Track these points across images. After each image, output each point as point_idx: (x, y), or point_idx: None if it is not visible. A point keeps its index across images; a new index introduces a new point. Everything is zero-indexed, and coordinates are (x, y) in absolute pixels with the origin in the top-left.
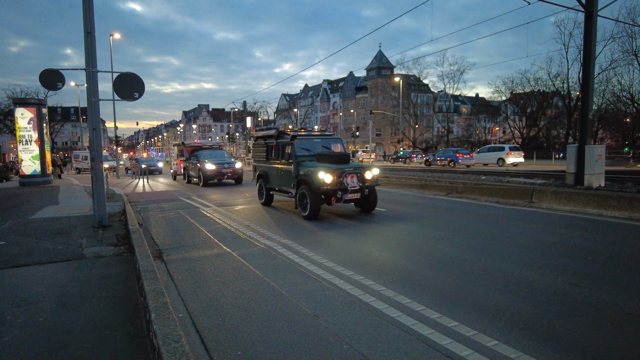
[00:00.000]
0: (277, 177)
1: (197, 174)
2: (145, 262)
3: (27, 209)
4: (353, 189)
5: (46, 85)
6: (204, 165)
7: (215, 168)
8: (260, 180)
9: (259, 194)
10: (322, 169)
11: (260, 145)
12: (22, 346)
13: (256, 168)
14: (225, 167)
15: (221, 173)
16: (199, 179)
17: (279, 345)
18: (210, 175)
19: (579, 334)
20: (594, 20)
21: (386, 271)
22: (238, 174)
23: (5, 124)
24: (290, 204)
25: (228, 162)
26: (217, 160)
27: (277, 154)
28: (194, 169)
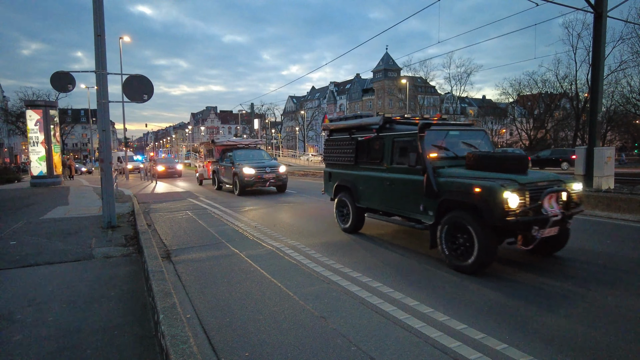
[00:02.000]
0: (379, 192)
1: (230, 180)
2: (154, 262)
3: (38, 210)
4: (554, 218)
5: (57, 88)
6: (241, 168)
7: (255, 173)
8: (342, 195)
9: (338, 215)
10: (504, 184)
11: (340, 141)
12: (32, 345)
13: (332, 175)
14: (267, 171)
15: (262, 179)
16: (233, 186)
17: (287, 346)
18: (248, 181)
19: (589, 337)
20: (603, 21)
21: (394, 273)
22: (282, 180)
23: (17, 126)
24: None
25: (271, 165)
26: (257, 162)
27: (381, 154)
28: (227, 173)
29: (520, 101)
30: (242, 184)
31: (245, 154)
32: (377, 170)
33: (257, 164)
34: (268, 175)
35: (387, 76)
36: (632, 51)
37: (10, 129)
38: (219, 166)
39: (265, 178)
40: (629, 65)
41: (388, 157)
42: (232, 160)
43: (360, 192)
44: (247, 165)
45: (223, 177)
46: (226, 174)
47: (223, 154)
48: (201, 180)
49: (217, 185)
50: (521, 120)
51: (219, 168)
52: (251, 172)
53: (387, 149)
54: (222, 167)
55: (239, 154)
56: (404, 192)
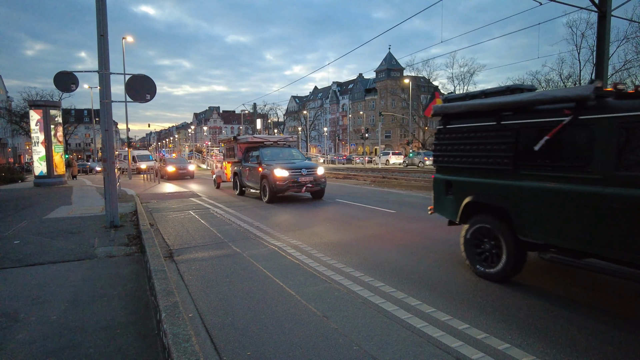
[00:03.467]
0: (581, 219)
1: (257, 183)
2: (156, 262)
3: (41, 209)
4: None
5: (60, 88)
6: (271, 170)
7: (288, 175)
8: (481, 220)
9: (472, 250)
10: None
11: (472, 132)
12: (35, 343)
13: (456, 187)
14: (303, 174)
15: (297, 183)
16: (261, 191)
17: (289, 346)
18: (280, 186)
19: (593, 338)
20: (607, 20)
21: (397, 273)
22: (321, 184)
23: (21, 126)
24: None
25: (307, 166)
26: (289, 163)
27: (589, 152)
28: (252, 176)
29: None
30: (272, 189)
31: (274, 152)
32: (577, 181)
33: (289, 165)
34: (304, 178)
35: (390, 76)
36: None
37: (14, 129)
38: (242, 167)
39: (301, 182)
40: (634, 64)
41: (607, 160)
42: (260, 160)
43: (527, 217)
44: (278, 166)
45: (247, 180)
46: (251, 177)
47: (247, 153)
48: (219, 184)
49: (238, 190)
50: None
51: (242, 169)
52: (284, 175)
53: (606, 144)
54: (247, 168)
55: (267, 152)
56: None
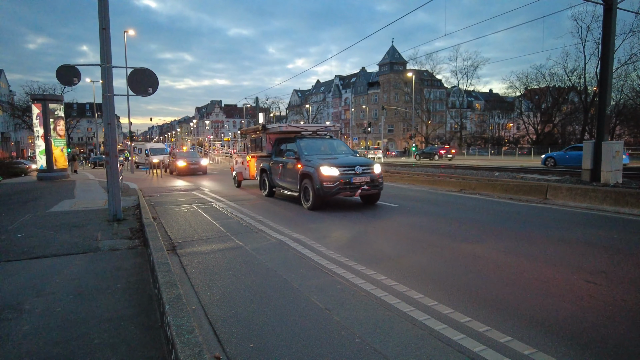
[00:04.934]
0: None
1: (295, 184)
2: (159, 255)
3: (44, 203)
4: None
5: (63, 81)
6: (317, 168)
7: (338, 175)
8: None
9: None
10: None
11: None
12: (41, 335)
13: None
14: (357, 172)
15: (350, 184)
16: (300, 193)
17: (291, 338)
18: (329, 188)
19: (594, 331)
20: (613, 13)
21: (398, 266)
22: (379, 186)
23: (24, 120)
24: None
25: (361, 163)
26: (337, 158)
27: None
28: (287, 174)
29: (528, 95)
30: (318, 192)
31: (315, 145)
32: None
33: (339, 161)
34: (359, 178)
35: (393, 69)
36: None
37: (16, 123)
38: (273, 163)
39: (355, 183)
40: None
41: None
42: (298, 154)
43: None
44: (325, 162)
45: (280, 179)
46: (286, 175)
47: (278, 146)
48: (239, 182)
49: (267, 190)
50: (528, 114)
51: (272, 166)
52: (333, 174)
53: None
54: (279, 164)
55: (306, 145)
56: None
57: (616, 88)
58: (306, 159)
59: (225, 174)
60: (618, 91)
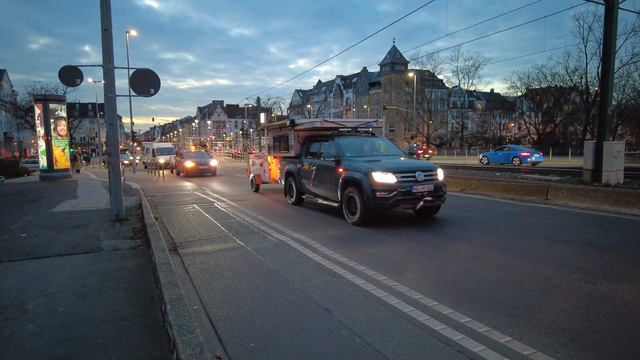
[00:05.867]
0: None
1: (333, 191)
2: (161, 255)
3: (47, 203)
4: None
5: (65, 82)
6: (367, 173)
7: (396, 182)
8: None
9: None
10: None
11: None
12: (44, 334)
13: None
14: (418, 179)
15: (411, 195)
16: (343, 204)
17: (292, 337)
18: (384, 199)
19: (593, 331)
20: (614, 13)
21: (398, 266)
22: (443, 196)
23: (26, 120)
24: None
25: (423, 167)
26: (392, 162)
27: None
28: (323, 179)
29: (529, 95)
30: (370, 204)
31: (357, 144)
32: None
33: (394, 165)
34: (421, 187)
35: (395, 69)
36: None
37: (19, 123)
38: (304, 165)
39: (417, 193)
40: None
41: None
42: (338, 155)
43: None
44: (378, 167)
45: (313, 184)
46: (321, 181)
47: (309, 145)
48: (258, 185)
49: (294, 198)
50: (530, 114)
51: (302, 168)
52: (389, 181)
53: None
54: (312, 167)
55: (347, 144)
56: None
57: (618, 88)
58: (349, 161)
59: (232, 176)
60: (620, 91)
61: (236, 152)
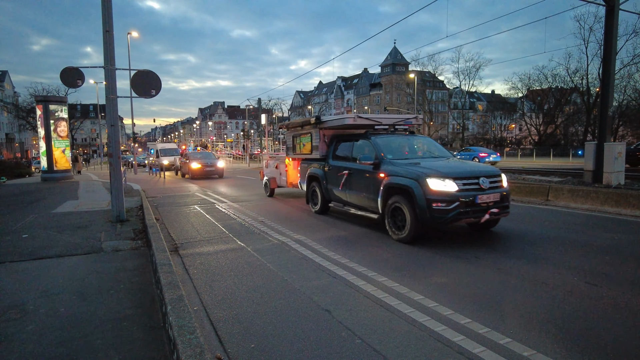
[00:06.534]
0: None
1: (371, 200)
2: (162, 256)
3: (48, 204)
4: None
5: (67, 83)
6: (421, 179)
7: (456, 191)
8: None
9: None
10: None
11: None
12: (44, 334)
13: None
14: (482, 186)
15: (475, 205)
16: (386, 215)
17: (292, 338)
18: (444, 210)
19: (594, 333)
20: (615, 14)
21: (400, 268)
22: (508, 206)
23: (28, 121)
24: None
25: (486, 172)
26: (447, 166)
27: None
28: (358, 185)
29: (530, 96)
30: (424, 217)
31: (397, 144)
32: None
33: (452, 170)
34: (487, 196)
35: (395, 71)
36: None
37: (20, 124)
38: (331, 168)
39: (481, 204)
40: None
41: None
42: (377, 157)
43: None
44: (433, 172)
45: (343, 190)
46: (355, 187)
47: (336, 144)
48: (272, 189)
49: (319, 205)
50: (530, 115)
51: (329, 172)
52: (449, 189)
53: None
54: (343, 171)
55: (386, 144)
56: None
57: (619, 89)
58: (392, 165)
59: (236, 178)
60: (621, 92)
61: (237, 152)
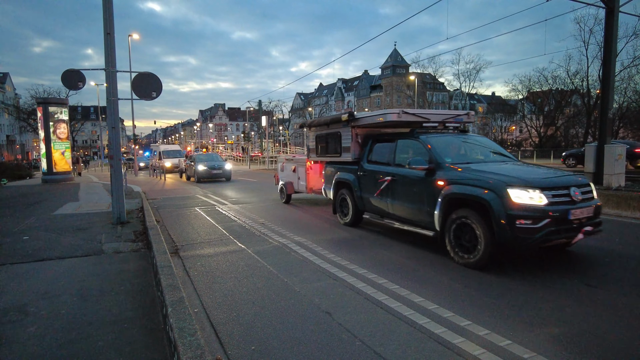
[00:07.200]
0: None
1: (424, 213)
2: (162, 257)
3: (49, 206)
4: None
5: (68, 85)
6: (496, 189)
7: (546, 204)
8: None
9: None
10: None
11: None
12: (46, 336)
13: None
14: (575, 198)
15: (567, 222)
16: (447, 233)
17: (292, 341)
18: (531, 229)
19: (594, 335)
20: (615, 16)
21: (399, 269)
22: (599, 222)
23: (29, 123)
24: None
25: (575, 181)
26: (533, 173)
27: None
28: (405, 194)
29: (530, 98)
30: (506, 237)
31: (454, 144)
32: None
33: (537, 178)
34: (579, 211)
35: (396, 73)
36: None
37: (21, 126)
38: (366, 173)
39: (574, 220)
40: None
41: None
42: (433, 160)
43: None
44: (514, 180)
45: (381, 198)
46: (399, 195)
47: (373, 145)
48: (289, 195)
49: (350, 216)
50: (531, 117)
51: (364, 177)
52: (536, 203)
53: None
54: (384, 176)
55: (441, 144)
56: None
57: (619, 91)
58: (452, 170)
59: (238, 181)
60: (621, 94)
61: (238, 154)
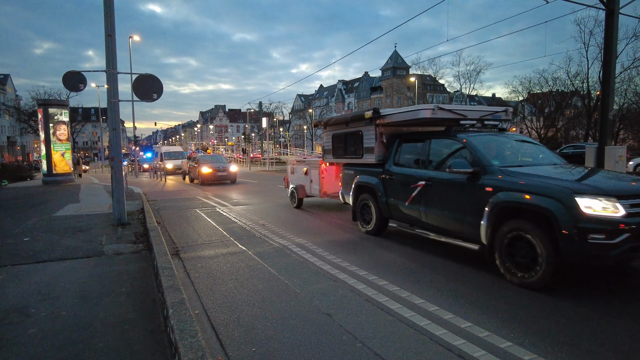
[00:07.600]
0: None
1: (467, 223)
2: (163, 259)
3: (50, 207)
4: None
5: (69, 87)
6: (561, 198)
7: (623, 216)
8: None
9: None
10: None
11: None
12: (46, 338)
13: None
14: None
15: None
16: (499, 248)
17: (293, 342)
18: (606, 245)
19: (595, 338)
20: (615, 17)
21: (400, 271)
22: None
23: (29, 124)
24: None
25: None
26: (601, 177)
27: None
28: (442, 201)
29: (531, 99)
30: (573, 253)
31: (497, 144)
32: None
33: (610, 182)
34: None
35: (396, 74)
36: None
37: (22, 128)
38: (392, 177)
39: None
40: None
41: None
42: (478, 161)
43: None
44: (583, 187)
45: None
46: (435, 203)
47: (400, 145)
48: (300, 199)
49: (373, 225)
50: (531, 119)
51: (390, 181)
52: (612, 214)
53: None
54: (417, 181)
55: (485, 144)
56: None
57: (620, 92)
58: (502, 173)
59: (239, 182)
60: (621, 95)
61: (238, 156)
